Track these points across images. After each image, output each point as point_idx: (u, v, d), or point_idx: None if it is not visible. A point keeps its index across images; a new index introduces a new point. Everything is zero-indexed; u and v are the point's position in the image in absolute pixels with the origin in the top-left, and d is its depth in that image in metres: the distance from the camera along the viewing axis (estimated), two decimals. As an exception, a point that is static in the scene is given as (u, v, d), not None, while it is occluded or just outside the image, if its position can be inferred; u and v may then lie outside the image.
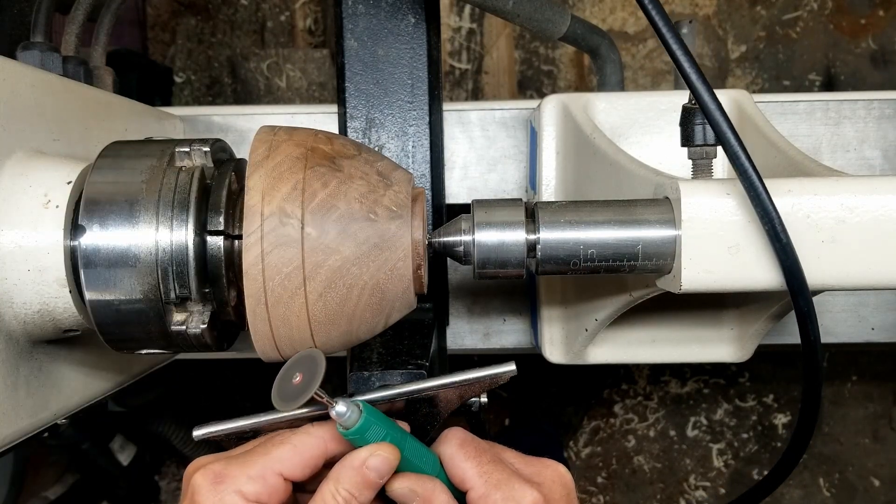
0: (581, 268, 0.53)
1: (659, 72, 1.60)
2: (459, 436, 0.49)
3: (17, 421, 0.53)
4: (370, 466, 0.44)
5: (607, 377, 1.63)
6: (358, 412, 0.44)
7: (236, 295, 0.52)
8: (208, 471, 0.44)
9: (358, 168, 0.48)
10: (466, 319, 0.91)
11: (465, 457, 0.48)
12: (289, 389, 0.44)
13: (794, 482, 1.61)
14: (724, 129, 0.48)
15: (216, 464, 0.45)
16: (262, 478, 0.44)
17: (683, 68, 0.48)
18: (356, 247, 0.47)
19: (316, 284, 0.46)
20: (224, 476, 0.44)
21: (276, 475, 0.44)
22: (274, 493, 0.44)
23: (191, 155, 0.51)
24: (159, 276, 0.49)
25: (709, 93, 0.48)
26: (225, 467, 0.44)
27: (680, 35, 0.48)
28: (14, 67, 0.54)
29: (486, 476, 0.47)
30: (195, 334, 0.51)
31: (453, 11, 1.61)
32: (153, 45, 1.63)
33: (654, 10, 0.48)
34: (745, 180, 0.48)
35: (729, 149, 0.48)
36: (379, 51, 0.74)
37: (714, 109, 0.48)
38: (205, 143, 0.52)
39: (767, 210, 0.48)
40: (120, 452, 1.48)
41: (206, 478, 0.44)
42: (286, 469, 0.45)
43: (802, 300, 0.49)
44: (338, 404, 0.44)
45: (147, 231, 0.49)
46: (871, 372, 1.61)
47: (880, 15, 1.57)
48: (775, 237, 0.48)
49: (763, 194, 0.47)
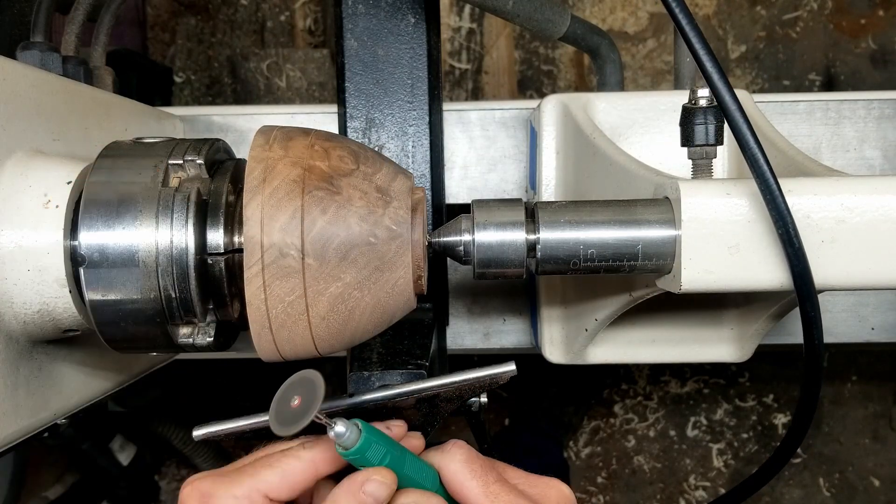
0: (581, 268, 0.53)
1: (659, 72, 1.60)
2: (463, 451, 0.48)
3: (17, 421, 0.53)
4: (367, 492, 0.44)
5: (607, 377, 1.63)
6: (357, 432, 0.44)
7: (240, 306, 0.52)
8: (195, 489, 0.45)
9: (357, 187, 0.48)
10: (466, 319, 0.91)
11: (470, 475, 0.47)
12: (287, 412, 0.43)
13: (794, 482, 1.61)
14: (744, 131, 0.47)
15: (205, 481, 0.45)
16: (248, 498, 0.44)
17: (705, 67, 0.47)
18: (357, 272, 0.47)
19: (318, 310, 0.46)
20: (210, 496, 0.44)
21: (261, 497, 0.44)
22: None
23: (185, 167, 0.51)
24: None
25: (730, 94, 0.47)
26: (212, 486, 0.45)
27: (702, 33, 0.47)
28: (14, 67, 0.54)
29: (492, 497, 0.46)
30: (202, 346, 0.52)
31: (453, 11, 1.61)
32: (153, 45, 1.63)
33: (677, 6, 0.47)
34: (762, 183, 0.47)
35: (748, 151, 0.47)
36: (379, 51, 0.74)
37: (734, 110, 0.47)
38: (199, 155, 0.51)
39: (783, 214, 0.47)
40: (120, 452, 1.48)
41: (194, 496, 0.45)
42: (272, 491, 0.45)
43: (810, 305, 0.49)
44: (337, 425, 0.43)
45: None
46: (871, 372, 1.61)
47: (880, 15, 1.57)
48: (788, 241, 0.48)
49: (779, 198, 0.47)
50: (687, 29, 0.47)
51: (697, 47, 0.47)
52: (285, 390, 0.45)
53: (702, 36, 0.47)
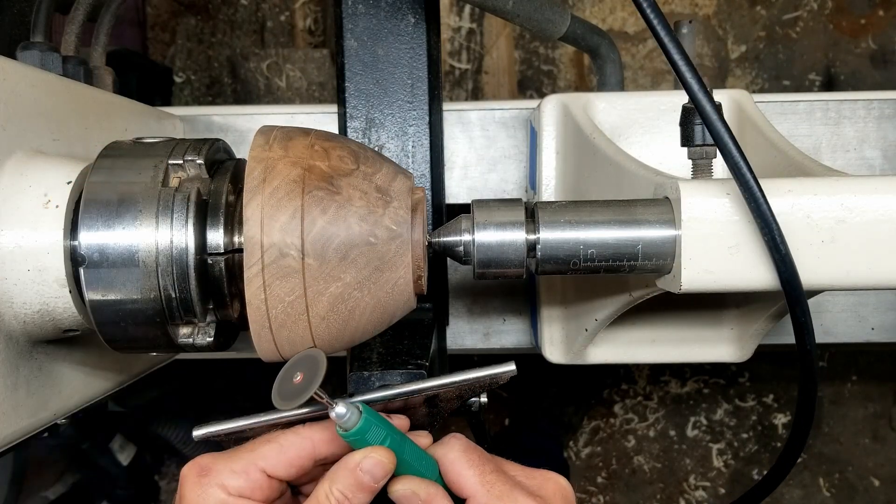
0: (581, 268, 0.53)
1: (659, 72, 1.60)
2: (462, 442, 0.49)
3: (17, 421, 0.53)
4: (363, 469, 0.44)
5: (607, 377, 1.63)
6: (357, 414, 0.44)
7: (240, 305, 0.52)
8: (195, 464, 0.46)
9: (357, 187, 0.48)
10: (466, 319, 0.91)
11: (468, 464, 0.47)
12: (289, 389, 0.44)
13: (794, 482, 1.61)
14: (724, 137, 0.47)
15: (204, 457, 0.46)
16: (245, 473, 0.45)
17: (681, 72, 0.47)
18: (357, 272, 0.47)
19: (318, 309, 0.46)
20: (209, 469, 0.45)
21: (258, 471, 0.45)
22: (257, 489, 0.45)
23: (185, 167, 0.51)
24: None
25: (707, 98, 0.48)
26: (211, 461, 0.46)
27: (677, 38, 0.48)
28: (14, 67, 0.54)
29: (488, 486, 0.46)
30: (202, 346, 0.52)
31: (453, 11, 1.61)
32: (153, 45, 1.63)
33: (652, 13, 0.48)
34: (745, 190, 0.48)
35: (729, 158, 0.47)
36: (379, 51, 0.74)
37: (711, 111, 0.48)
38: (198, 155, 0.51)
39: (767, 220, 0.48)
40: (120, 452, 1.48)
41: (192, 470, 0.45)
42: (269, 466, 0.45)
43: (800, 310, 0.49)
44: (338, 405, 0.44)
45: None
46: (870, 372, 1.61)
47: (880, 15, 1.57)
48: (774, 248, 0.48)
49: (763, 205, 0.47)
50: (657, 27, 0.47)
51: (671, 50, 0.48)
52: (289, 367, 0.45)
53: (675, 38, 0.48)
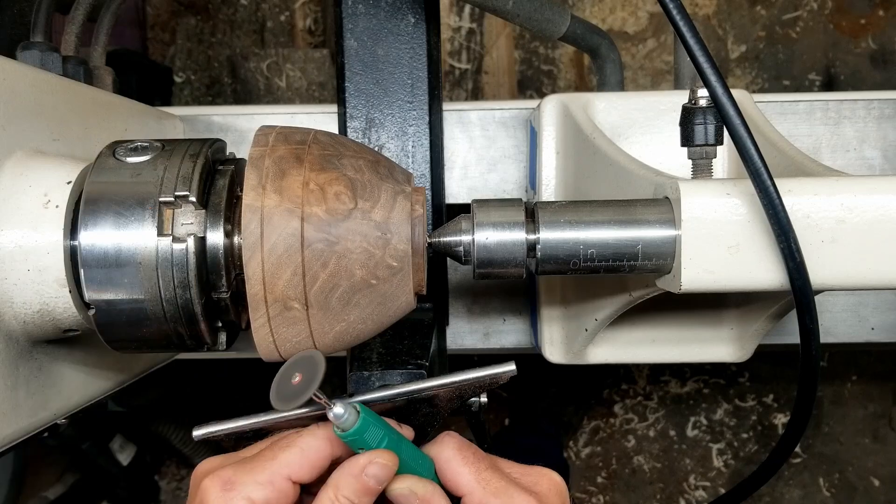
0: (581, 268, 0.53)
1: (659, 72, 1.60)
2: (456, 440, 0.49)
3: (17, 421, 0.53)
4: (369, 474, 0.44)
5: (607, 377, 1.63)
6: (356, 414, 0.44)
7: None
8: (217, 477, 0.44)
9: (356, 231, 0.47)
10: (466, 319, 0.91)
11: (462, 462, 0.47)
12: (288, 389, 0.44)
13: (794, 482, 1.61)
14: (741, 133, 0.47)
15: (226, 469, 0.45)
16: (271, 483, 0.44)
17: (701, 66, 0.47)
18: (360, 311, 0.48)
19: (325, 341, 0.49)
20: (233, 482, 0.44)
21: (284, 479, 0.44)
22: (283, 498, 0.44)
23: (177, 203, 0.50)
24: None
25: (726, 93, 0.47)
26: (234, 473, 0.44)
27: (698, 32, 0.47)
28: (14, 67, 0.54)
29: (484, 483, 0.46)
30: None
31: (453, 11, 1.61)
32: (153, 45, 1.63)
33: (674, 6, 0.47)
34: (764, 196, 0.48)
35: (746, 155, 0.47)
36: (379, 51, 0.74)
37: (729, 107, 0.47)
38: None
39: (784, 229, 0.48)
40: (120, 452, 1.48)
41: (216, 484, 0.44)
42: (294, 473, 0.45)
43: (809, 318, 0.49)
44: (335, 406, 0.44)
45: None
46: (871, 372, 1.61)
47: (880, 15, 1.57)
48: (790, 256, 0.48)
49: (781, 213, 0.47)
50: (685, 33, 0.47)
51: (697, 53, 0.47)
52: (287, 368, 0.46)
53: (701, 40, 0.47)
